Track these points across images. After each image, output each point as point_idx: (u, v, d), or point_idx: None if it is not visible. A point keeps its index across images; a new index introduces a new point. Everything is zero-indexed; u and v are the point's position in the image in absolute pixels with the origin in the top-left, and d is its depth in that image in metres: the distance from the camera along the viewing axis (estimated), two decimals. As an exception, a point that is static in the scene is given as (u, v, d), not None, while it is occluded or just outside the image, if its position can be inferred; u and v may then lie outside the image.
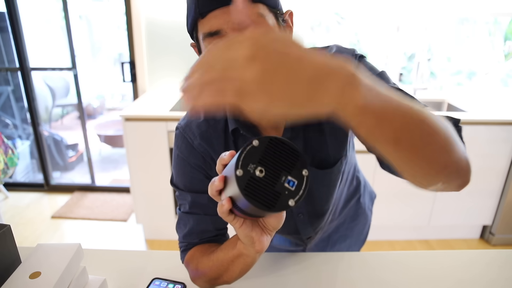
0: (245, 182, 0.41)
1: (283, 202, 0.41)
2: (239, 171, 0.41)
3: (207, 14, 0.56)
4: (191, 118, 0.73)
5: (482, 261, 0.86)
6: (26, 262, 0.64)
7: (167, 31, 2.44)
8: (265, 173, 0.41)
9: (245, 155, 0.41)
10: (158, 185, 2.15)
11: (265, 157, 0.42)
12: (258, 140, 0.42)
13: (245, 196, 0.40)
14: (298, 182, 0.42)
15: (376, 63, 2.79)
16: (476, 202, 2.22)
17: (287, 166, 0.43)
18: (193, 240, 0.76)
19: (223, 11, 0.55)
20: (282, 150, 0.43)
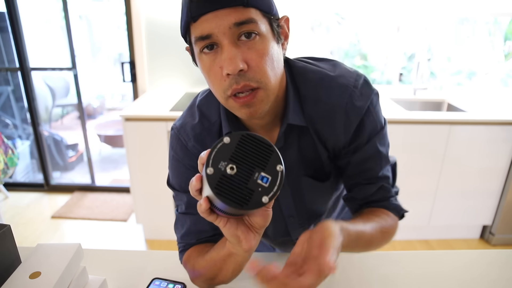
0: (216, 181, 0.40)
1: (256, 199, 0.40)
2: (210, 169, 0.40)
3: (199, 18, 0.55)
4: (186, 119, 0.73)
5: (483, 261, 0.86)
6: (26, 262, 0.64)
7: (167, 31, 2.44)
8: (236, 170, 0.40)
9: (216, 152, 0.40)
10: (158, 185, 2.15)
11: (236, 154, 0.41)
12: (229, 137, 0.41)
13: (216, 194, 0.39)
14: (272, 178, 0.41)
15: (376, 63, 2.79)
16: (476, 202, 2.22)
17: (260, 162, 0.41)
18: (190, 241, 0.76)
19: (214, 14, 0.54)
20: (254, 146, 0.42)
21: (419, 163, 2.10)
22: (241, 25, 0.55)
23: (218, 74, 0.57)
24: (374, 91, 0.69)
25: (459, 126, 2.01)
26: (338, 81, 0.67)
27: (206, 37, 0.55)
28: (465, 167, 2.12)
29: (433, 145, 2.06)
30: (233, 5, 0.54)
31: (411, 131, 2.02)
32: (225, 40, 0.55)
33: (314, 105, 0.68)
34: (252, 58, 0.56)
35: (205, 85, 0.63)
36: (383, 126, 0.72)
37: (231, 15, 0.54)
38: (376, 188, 0.72)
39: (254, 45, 0.56)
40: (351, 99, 0.66)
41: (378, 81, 2.84)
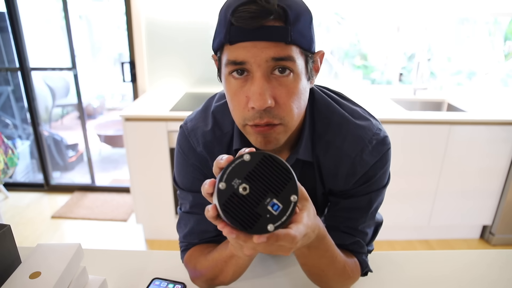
0: (226, 197, 0.39)
1: (261, 226, 0.39)
2: (222, 184, 0.39)
3: (236, 43, 0.53)
4: (198, 123, 0.72)
5: (483, 262, 0.86)
6: (26, 262, 0.64)
7: (167, 31, 2.44)
8: (249, 191, 0.39)
9: (233, 168, 0.39)
10: (158, 185, 2.15)
11: (253, 174, 0.39)
12: (249, 155, 0.39)
13: (222, 211, 0.39)
14: (283, 207, 0.39)
15: (376, 63, 2.79)
16: (476, 202, 2.22)
17: (275, 187, 0.40)
18: (193, 240, 0.76)
19: (253, 44, 0.52)
20: (273, 170, 0.40)
21: (419, 163, 2.10)
22: (278, 61, 0.53)
23: (243, 102, 0.56)
24: (386, 148, 0.68)
25: (459, 126, 2.01)
26: (355, 132, 0.67)
27: (239, 63, 0.54)
28: (465, 167, 2.12)
29: (433, 145, 2.06)
30: (274, 40, 0.52)
31: (411, 131, 2.02)
32: (259, 73, 0.53)
33: (325, 146, 0.68)
34: (281, 96, 0.55)
35: (205, 85, 0.63)
36: (385, 185, 0.72)
37: (271, 49, 0.52)
38: (351, 241, 0.72)
39: (285, 82, 0.55)
40: (362, 153, 0.66)
41: (378, 81, 2.84)
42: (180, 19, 2.40)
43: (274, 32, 0.52)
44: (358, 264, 0.73)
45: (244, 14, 0.51)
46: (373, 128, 0.68)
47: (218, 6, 0.58)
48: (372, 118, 0.70)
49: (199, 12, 2.38)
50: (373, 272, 0.79)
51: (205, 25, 2.41)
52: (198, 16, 2.39)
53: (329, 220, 0.73)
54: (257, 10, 0.50)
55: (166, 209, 2.22)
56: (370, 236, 0.75)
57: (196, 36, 2.44)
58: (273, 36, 0.52)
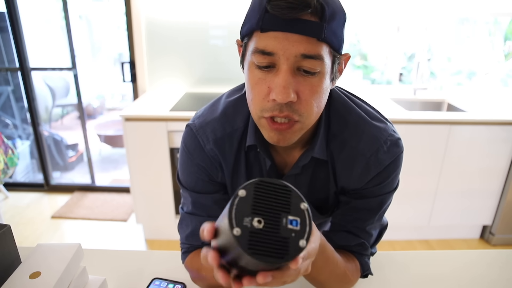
0: (247, 240, 0.35)
1: (294, 246, 0.37)
2: (236, 230, 0.35)
3: (268, 31, 0.52)
4: (207, 119, 0.70)
5: (483, 262, 0.86)
6: (26, 262, 0.64)
7: (167, 31, 2.44)
8: (264, 222, 0.37)
9: (236, 209, 0.37)
10: (158, 185, 2.15)
11: (257, 205, 0.38)
12: (243, 189, 0.38)
13: (252, 255, 0.35)
14: (300, 219, 0.38)
15: (376, 63, 2.79)
16: (476, 202, 2.22)
17: (283, 206, 0.38)
18: (195, 243, 0.74)
19: (285, 36, 0.51)
20: (271, 191, 0.39)
21: (419, 163, 2.10)
22: (307, 58, 0.52)
23: (263, 92, 0.55)
24: (400, 151, 0.68)
25: (459, 126, 2.01)
26: (371, 131, 0.67)
27: (268, 53, 0.52)
28: (465, 167, 2.12)
29: (433, 145, 2.06)
30: (308, 35, 0.51)
31: (411, 131, 2.02)
32: (285, 66, 0.52)
33: (340, 145, 0.68)
34: (304, 92, 0.54)
35: (205, 85, 0.63)
36: (395, 188, 0.72)
37: (302, 44, 0.51)
38: (356, 242, 0.72)
39: (310, 80, 0.54)
40: (377, 153, 0.66)
41: (378, 81, 2.84)
42: (180, 19, 2.40)
43: (309, 27, 0.51)
44: (359, 267, 0.74)
45: (281, 3, 0.49)
46: (388, 130, 0.68)
47: (218, 6, 0.58)
48: (386, 121, 0.71)
49: (199, 12, 2.38)
50: (373, 275, 0.79)
51: (205, 25, 2.41)
52: (198, 16, 2.39)
53: (337, 218, 0.73)
54: (295, 1, 0.49)
55: (166, 209, 2.22)
56: (374, 238, 0.76)
57: (196, 36, 2.44)
58: (307, 31, 0.51)
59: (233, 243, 0.36)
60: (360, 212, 0.71)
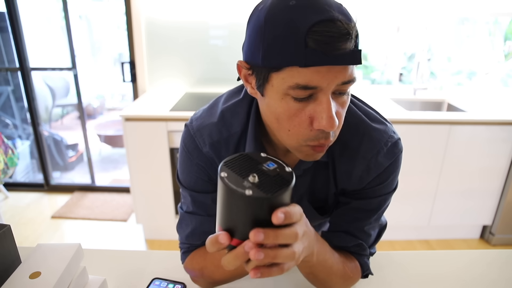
0: (261, 189, 0.41)
1: (286, 173, 0.44)
2: (247, 191, 0.40)
3: (311, 67, 0.49)
4: (204, 123, 0.70)
5: (483, 262, 0.86)
6: (26, 262, 0.64)
7: (167, 31, 2.44)
8: (256, 175, 0.43)
9: (231, 182, 0.41)
10: (158, 185, 2.15)
11: (240, 171, 0.43)
12: (222, 172, 0.43)
13: (274, 193, 0.40)
14: (271, 161, 0.46)
15: (376, 63, 2.79)
16: (476, 202, 2.22)
17: (255, 163, 0.45)
18: (195, 242, 0.74)
19: (329, 69, 0.49)
20: (239, 161, 0.45)
21: (419, 163, 2.10)
22: (345, 84, 0.52)
23: (304, 123, 0.54)
24: (400, 152, 0.69)
25: (459, 126, 2.01)
26: (371, 134, 0.67)
27: (311, 88, 0.50)
28: (465, 167, 2.12)
29: (433, 145, 2.06)
30: (352, 64, 0.50)
31: (411, 131, 2.02)
32: (328, 96, 0.51)
33: (340, 147, 0.68)
34: (340, 113, 0.55)
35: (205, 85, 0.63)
36: (394, 189, 0.73)
37: (343, 73, 0.50)
38: (354, 243, 0.72)
39: (342, 99, 0.55)
40: (377, 155, 0.67)
41: (378, 81, 2.84)
42: (180, 19, 2.40)
43: (352, 57, 0.49)
44: (359, 266, 0.74)
45: (325, 38, 0.47)
46: (388, 131, 0.68)
47: (218, 6, 0.57)
48: (386, 122, 0.71)
49: (199, 12, 2.38)
50: (373, 275, 0.79)
51: (205, 25, 2.41)
52: (198, 16, 2.39)
53: (336, 219, 0.74)
54: (338, 33, 0.47)
55: (166, 209, 2.22)
56: (373, 239, 0.76)
57: (196, 36, 2.44)
58: (350, 61, 0.49)
59: (251, 203, 0.40)
60: (359, 212, 0.71)
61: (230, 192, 0.41)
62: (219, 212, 0.44)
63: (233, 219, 0.43)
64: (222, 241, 0.42)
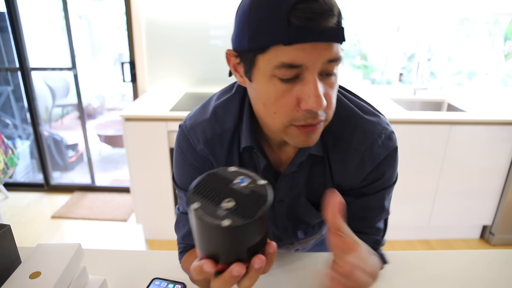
0: (239, 216, 0.37)
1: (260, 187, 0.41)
2: (224, 221, 0.37)
3: (295, 44, 0.49)
4: (197, 120, 0.70)
5: (483, 262, 0.86)
6: (26, 262, 0.64)
7: (167, 31, 2.44)
8: (231, 199, 0.39)
9: (206, 213, 0.38)
10: (158, 185, 2.15)
11: (212, 197, 0.40)
12: (194, 204, 0.39)
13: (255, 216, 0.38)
14: (242, 175, 0.42)
15: (376, 63, 2.79)
16: (476, 202, 2.22)
17: (223, 183, 0.41)
18: (191, 242, 0.75)
19: (313, 46, 0.49)
20: (207, 185, 0.41)
21: (419, 163, 2.10)
22: (331, 62, 0.52)
23: (291, 104, 0.54)
24: (394, 145, 0.68)
25: (459, 126, 2.01)
26: (364, 126, 0.66)
27: (296, 66, 0.50)
28: (465, 167, 2.12)
29: (433, 145, 2.06)
30: (335, 41, 0.50)
31: (411, 131, 2.02)
32: (313, 75, 0.51)
33: (334, 140, 0.67)
34: (328, 94, 0.55)
35: (205, 85, 0.63)
36: (394, 182, 0.72)
37: (329, 50, 0.50)
38: (371, 242, 0.71)
39: (330, 80, 0.54)
40: (371, 147, 0.66)
41: (378, 81, 2.84)
42: (180, 19, 2.40)
43: (334, 33, 0.50)
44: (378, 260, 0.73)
45: (306, 14, 0.48)
46: (382, 123, 0.68)
47: (218, 6, 0.57)
48: (379, 114, 0.70)
49: (199, 12, 2.38)
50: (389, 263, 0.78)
51: (205, 25, 2.41)
52: (198, 16, 2.39)
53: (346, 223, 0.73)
54: (320, 9, 0.48)
55: (166, 209, 2.22)
56: (383, 231, 0.76)
57: (196, 36, 2.44)
58: (333, 37, 0.50)
59: (231, 232, 0.37)
60: (364, 211, 0.71)
61: (206, 225, 0.38)
62: (199, 242, 0.42)
63: (216, 248, 0.41)
64: (207, 270, 0.40)
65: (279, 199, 0.73)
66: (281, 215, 0.77)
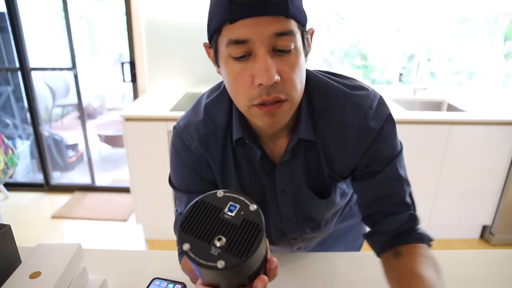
0: (232, 255, 0.36)
1: (252, 215, 0.39)
2: (219, 263, 0.36)
3: (238, 21, 0.52)
4: (190, 120, 0.71)
5: (482, 261, 0.86)
6: (26, 262, 0.64)
7: (167, 31, 2.44)
8: (222, 236, 0.38)
9: (199, 256, 0.37)
10: (158, 185, 2.15)
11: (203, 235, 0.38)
12: (185, 244, 0.38)
13: (250, 255, 0.36)
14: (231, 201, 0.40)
15: (376, 63, 2.79)
16: (476, 202, 2.22)
17: (212, 212, 0.39)
18: None
19: (255, 21, 0.51)
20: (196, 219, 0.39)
21: (419, 163, 2.10)
22: (280, 36, 0.53)
23: (247, 82, 0.56)
24: (387, 112, 0.67)
25: (459, 126, 2.01)
26: (353, 100, 0.66)
27: (242, 41, 0.53)
28: (465, 167, 2.12)
29: (433, 145, 2.06)
30: (276, 14, 0.52)
31: (411, 131, 2.02)
32: (262, 49, 0.53)
33: (326, 121, 0.67)
34: (286, 71, 0.55)
35: (205, 85, 0.63)
36: (401, 149, 0.70)
37: (272, 24, 0.52)
38: (406, 218, 0.69)
39: (288, 58, 0.55)
40: (365, 120, 0.65)
41: (378, 81, 2.84)
42: (180, 19, 2.40)
43: (276, 6, 0.51)
44: (428, 249, 0.70)
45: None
46: (370, 95, 0.67)
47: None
48: (367, 86, 0.70)
49: (199, 12, 2.38)
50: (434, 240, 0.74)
51: (205, 25, 2.40)
52: (198, 16, 2.39)
53: (370, 209, 0.72)
54: None
55: (166, 209, 2.22)
56: (412, 205, 0.73)
57: (196, 36, 2.44)
58: (274, 10, 0.51)
59: (227, 272, 0.36)
60: (387, 188, 0.69)
61: (201, 266, 0.37)
62: (198, 274, 0.41)
63: (215, 282, 0.40)
64: None
65: (280, 190, 0.73)
66: (286, 207, 0.77)
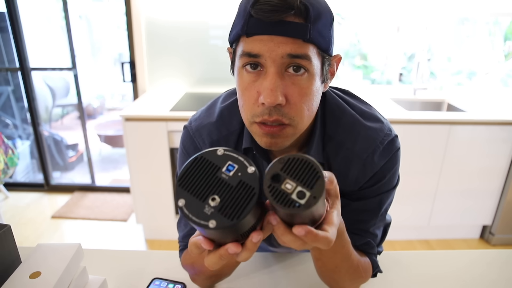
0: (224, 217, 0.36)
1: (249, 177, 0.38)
2: (211, 222, 0.36)
3: (253, 36, 0.52)
4: (203, 122, 0.71)
5: (483, 261, 0.86)
6: (26, 262, 0.64)
7: (167, 31, 2.44)
8: (216, 195, 0.37)
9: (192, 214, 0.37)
10: (158, 185, 2.15)
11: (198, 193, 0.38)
12: (179, 200, 0.38)
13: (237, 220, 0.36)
14: (230, 160, 0.39)
15: (376, 63, 2.79)
16: (476, 202, 2.22)
17: (210, 170, 0.39)
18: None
19: (271, 38, 0.51)
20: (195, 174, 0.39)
21: (419, 163, 2.10)
22: (294, 58, 0.52)
23: (253, 97, 0.55)
24: (396, 148, 0.68)
25: (459, 126, 2.01)
26: (367, 133, 0.66)
27: (254, 55, 0.53)
28: (465, 167, 2.12)
29: (433, 145, 2.06)
30: (293, 36, 0.51)
31: (411, 131, 2.02)
32: (272, 68, 0.52)
33: (336, 147, 0.67)
34: (293, 95, 0.54)
35: (205, 85, 0.63)
36: (395, 186, 0.71)
37: (288, 45, 0.51)
38: (362, 242, 0.71)
39: (299, 81, 0.54)
40: (373, 154, 0.66)
41: (378, 81, 2.84)
42: (180, 19, 2.40)
43: (293, 28, 0.51)
44: (370, 264, 0.73)
45: (264, 7, 0.50)
46: (384, 129, 0.68)
47: (218, 6, 0.58)
48: (383, 118, 0.70)
49: (199, 12, 2.38)
50: (382, 272, 0.78)
51: (205, 25, 2.41)
52: (198, 16, 2.39)
53: None
54: (278, 4, 0.49)
55: (166, 209, 2.22)
56: (379, 237, 0.75)
57: (196, 36, 2.44)
58: (291, 32, 0.51)
59: (218, 231, 0.36)
60: (360, 214, 0.70)
61: (193, 223, 0.37)
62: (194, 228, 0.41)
63: (209, 236, 0.41)
64: (205, 247, 0.41)
65: None
66: None
